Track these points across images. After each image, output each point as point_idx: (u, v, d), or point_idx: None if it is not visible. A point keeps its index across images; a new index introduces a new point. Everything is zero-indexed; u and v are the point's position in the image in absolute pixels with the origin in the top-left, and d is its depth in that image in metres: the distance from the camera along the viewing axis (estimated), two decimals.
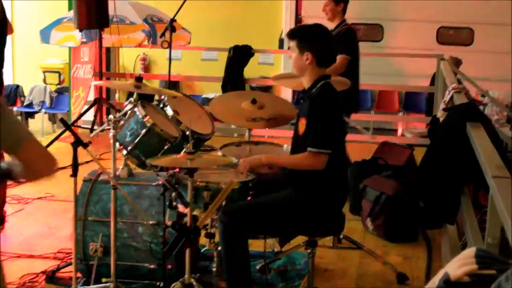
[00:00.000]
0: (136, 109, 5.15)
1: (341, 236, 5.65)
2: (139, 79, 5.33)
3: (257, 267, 5.38)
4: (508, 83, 13.29)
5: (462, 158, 4.62)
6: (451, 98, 5.90)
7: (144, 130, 5.04)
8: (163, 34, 6.79)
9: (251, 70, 9.80)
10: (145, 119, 5.09)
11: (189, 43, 11.51)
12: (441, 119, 5.64)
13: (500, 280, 2.05)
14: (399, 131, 12.30)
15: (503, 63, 13.44)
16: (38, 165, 2.50)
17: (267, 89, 11.26)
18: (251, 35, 10.67)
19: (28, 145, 2.43)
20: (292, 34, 4.82)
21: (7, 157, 2.49)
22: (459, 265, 2.80)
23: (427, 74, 11.71)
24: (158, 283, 5.08)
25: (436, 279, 2.88)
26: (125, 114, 5.10)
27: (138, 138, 4.88)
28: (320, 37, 4.79)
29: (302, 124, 4.67)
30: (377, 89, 12.80)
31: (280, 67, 13.71)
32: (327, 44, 4.84)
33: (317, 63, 4.66)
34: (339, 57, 6.87)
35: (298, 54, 4.69)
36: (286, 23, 14.23)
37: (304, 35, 4.75)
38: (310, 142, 4.53)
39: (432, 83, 10.56)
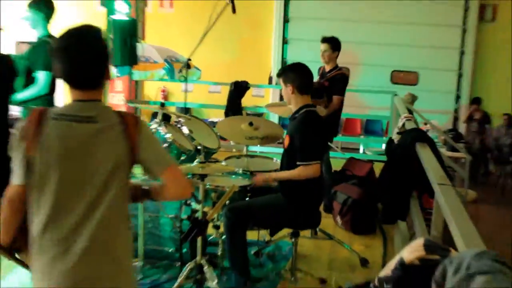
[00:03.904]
0: (159, 128, 5.17)
1: (317, 229, 5.67)
2: (162, 104, 5.36)
3: (252, 252, 5.40)
4: (447, 115, 13.40)
5: (411, 170, 4.64)
6: (403, 124, 5.92)
7: (166, 144, 5.06)
8: (180, 71, 6.78)
9: (246, 100, 9.80)
10: (166, 136, 5.11)
11: (199, 78, 11.55)
12: (395, 140, 5.65)
13: (444, 263, 2.06)
14: (361, 149, 12.32)
15: (443, 99, 13.54)
16: (178, 188, 2.53)
17: (260, 115, 11.31)
18: (247, 73, 10.68)
19: (171, 169, 2.47)
20: (279, 73, 4.86)
21: None
22: (411, 251, 2.81)
23: (383, 106, 11.74)
24: (176, 263, 5.11)
25: (392, 263, 2.89)
26: None
27: None
28: (297, 71, 4.80)
29: (286, 140, 4.72)
30: (344, 118, 12.84)
31: (269, 98, 13.76)
32: (304, 76, 4.79)
33: (299, 92, 4.69)
34: (335, 98, 6.86)
35: (284, 87, 4.74)
36: (274, 65, 14.30)
37: (287, 72, 4.79)
38: (299, 158, 4.57)
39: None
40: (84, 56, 2.36)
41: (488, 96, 13.45)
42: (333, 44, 7.19)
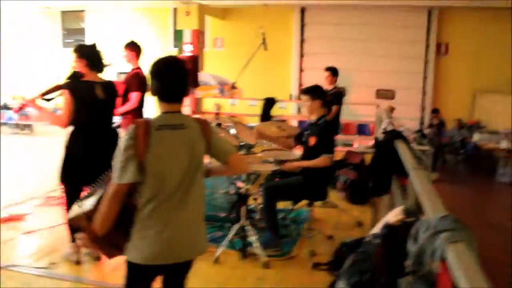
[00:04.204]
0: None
1: (326, 201, 5.66)
2: (217, 114, 5.39)
3: (280, 217, 5.41)
4: (416, 120, 13.32)
5: (392, 159, 4.61)
6: (386, 127, 5.87)
7: None
8: (228, 91, 6.85)
9: (274, 111, 9.81)
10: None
11: (241, 95, 11.57)
12: (379, 138, 5.61)
13: (418, 224, 2.07)
14: (355, 145, 12.22)
15: (412, 109, 13.48)
16: (241, 167, 2.65)
17: (283, 121, 11.29)
18: (274, 92, 10.64)
19: (235, 155, 2.55)
20: (307, 91, 4.84)
21: None
22: (393, 215, 2.82)
23: (370, 114, 11.70)
24: (226, 225, 5.14)
25: (380, 224, 2.89)
26: None
27: None
28: (322, 93, 4.83)
29: (312, 140, 4.71)
30: (343, 122, 12.77)
31: (290, 110, 13.74)
32: (325, 96, 4.92)
33: (321, 106, 4.72)
34: (334, 107, 6.96)
35: (311, 101, 4.73)
36: (293, 87, 14.29)
37: (315, 91, 4.78)
38: (324, 151, 4.59)
39: None
40: (177, 78, 2.38)
41: (445, 107, 13.39)
42: (333, 71, 7.34)
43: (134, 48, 5.62)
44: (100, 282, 3.97)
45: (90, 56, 4.14)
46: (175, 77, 2.37)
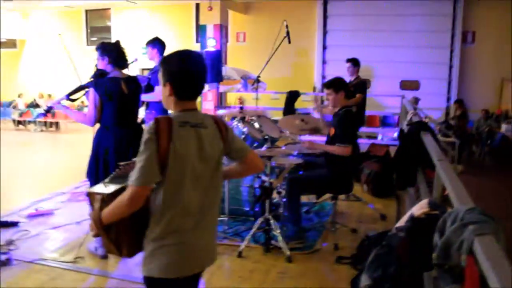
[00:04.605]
0: (239, 124, 5.19)
1: (350, 194, 5.62)
2: (241, 108, 5.38)
3: (304, 210, 5.39)
4: (441, 111, 13.10)
5: (417, 151, 4.54)
6: (411, 118, 5.78)
7: (243, 136, 5.08)
8: (252, 84, 6.83)
9: (298, 104, 9.77)
10: (244, 130, 5.13)
11: (265, 89, 11.55)
12: (405, 130, 5.53)
13: (444, 216, 2.01)
14: (379, 137, 12.09)
15: (437, 100, 13.27)
16: (257, 165, 2.45)
17: (307, 114, 11.25)
18: (297, 85, 10.60)
19: (251, 154, 2.36)
20: (329, 85, 4.78)
21: None
22: (419, 208, 2.75)
23: (395, 105, 11.58)
24: (250, 218, 5.14)
25: (405, 217, 2.84)
26: (232, 127, 5.17)
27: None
28: (344, 84, 4.78)
29: (332, 130, 4.68)
30: (367, 114, 12.64)
31: (313, 102, 13.68)
32: (347, 87, 4.88)
33: (345, 97, 4.67)
34: (358, 95, 6.91)
35: (335, 95, 4.68)
36: (316, 79, 14.23)
37: (337, 85, 4.73)
38: (337, 141, 4.54)
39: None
40: (201, 74, 2.18)
41: (471, 97, 13.19)
42: (354, 62, 7.36)
43: (155, 45, 5.63)
44: (125, 275, 4.00)
45: (113, 53, 4.18)
46: (197, 72, 2.16)
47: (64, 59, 15.74)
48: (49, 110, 4.50)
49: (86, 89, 4.31)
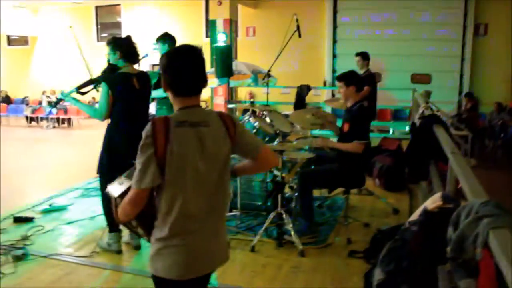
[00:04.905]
0: (250, 118, 5.20)
1: (362, 188, 5.60)
2: (252, 102, 5.38)
3: (316, 205, 5.38)
4: (453, 104, 13.01)
5: (430, 144, 4.51)
6: (423, 112, 5.75)
7: (254, 130, 5.09)
8: (263, 79, 6.83)
9: (308, 98, 9.74)
10: (255, 124, 5.14)
11: (275, 84, 11.54)
12: (417, 124, 5.50)
13: (459, 209, 2.01)
14: (390, 131, 12.03)
15: (449, 93, 13.17)
16: (271, 161, 2.36)
17: (318, 108, 11.22)
18: (308, 79, 10.55)
19: (264, 149, 2.26)
20: (340, 78, 4.74)
21: None
22: (432, 202, 2.75)
23: (406, 99, 11.53)
24: (263, 212, 5.15)
25: (418, 211, 2.84)
26: (243, 122, 5.18)
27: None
28: (356, 77, 4.76)
29: (346, 126, 4.66)
30: (378, 108, 12.57)
31: (324, 96, 13.63)
32: (360, 81, 4.87)
33: (356, 91, 4.64)
34: (366, 88, 6.87)
35: (346, 88, 4.65)
36: (327, 73, 14.20)
37: (348, 78, 4.70)
38: (355, 137, 4.53)
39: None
40: (191, 67, 2.09)
41: (482, 90, 13.09)
42: (363, 56, 7.47)
43: (166, 40, 5.64)
44: (140, 271, 4.03)
45: (125, 48, 4.18)
46: (189, 67, 2.09)
47: (75, 55, 15.80)
48: (58, 102, 4.52)
49: (96, 84, 4.32)
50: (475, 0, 12.86)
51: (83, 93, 4.41)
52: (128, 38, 4.28)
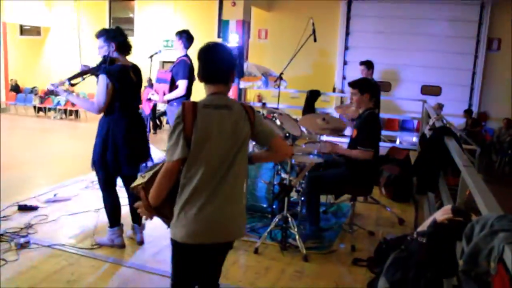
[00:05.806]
0: None
1: (368, 196, 5.57)
2: (264, 104, 5.37)
3: (322, 210, 5.35)
4: (462, 118, 12.97)
5: (440, 156, 4.49)
6: (433, 123, 5.74)
7: None
8: (275, 81, 6.83)
9: (317, 103, 9.74)
10: None
11: (285, 87, 11.53)
12: (427, 135, 5.49)
13: (473, 222, 1.98)
14: (397, 141, 12.01)
15: (459, 106, 13.12)
16: (283, 150, 2.61)
17: (326, 113, 11.22)
18: (318, 85, 10.57)
19: (276, 138, 2.55)
20: (355, 85, 4.70)
21: None
22: (442, 213, 2.72)
23: (414, 110, 11.51)
24: (268, 215, 5.13)
25: (427, 222, 2.81)
26: None
27: None
28: (371, 86, 4.74)
29: (354, 132, 4.64)
30: (386, 118, 12.56)
31: (332, 102, 13.62)
32: (375, 90, 4.90)
33: (369, 99, 4.62)
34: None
35: (360, 96, 4.62)
36: (337, 79, 14.18)
37: (364, 86, 4.67)
38: (360, 144, 4.50)
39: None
40: (219, 59, 2.43)
41: (492, 105, 13.06)
42: (367, 65, 7.54)
43: (181, 36, 5.65)
44: (140, 265, 4.02)
45: (120, 40, 4.11)
46: (217, 58, 2.42)
47: (86, 48, 15.79)
48: (48, 93, 4.47)
49: (88, 75, 4.21)
50: (490, 14, 12.82)
51: (73, 84, 4.26)
52: (120, 29, 4.20)
